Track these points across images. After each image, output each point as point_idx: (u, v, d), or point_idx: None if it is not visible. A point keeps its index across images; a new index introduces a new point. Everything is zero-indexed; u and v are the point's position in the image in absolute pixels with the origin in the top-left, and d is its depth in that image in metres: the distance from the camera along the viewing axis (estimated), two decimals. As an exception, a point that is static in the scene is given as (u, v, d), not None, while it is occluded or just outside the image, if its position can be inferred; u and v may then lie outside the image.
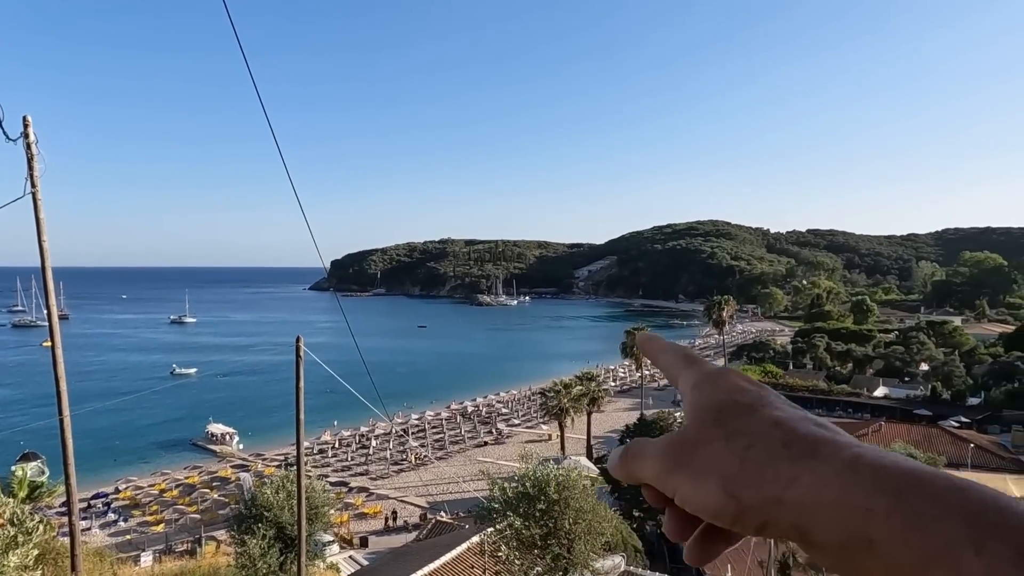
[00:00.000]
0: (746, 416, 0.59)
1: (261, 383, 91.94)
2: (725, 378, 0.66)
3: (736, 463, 0.54)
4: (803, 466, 0.50)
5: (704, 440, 0.58)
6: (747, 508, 0.52)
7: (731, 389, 0.63)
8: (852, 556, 0.47)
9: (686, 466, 0.57)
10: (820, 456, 0.51)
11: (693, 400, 0.65)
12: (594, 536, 17.64)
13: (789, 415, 0.58)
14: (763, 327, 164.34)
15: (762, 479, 0.52)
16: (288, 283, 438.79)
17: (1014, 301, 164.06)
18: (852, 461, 0.49)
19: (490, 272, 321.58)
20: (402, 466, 56.36)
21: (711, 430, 0.59)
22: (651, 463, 0.61)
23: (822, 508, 0.48)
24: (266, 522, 22.08)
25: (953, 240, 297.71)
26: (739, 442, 0.56)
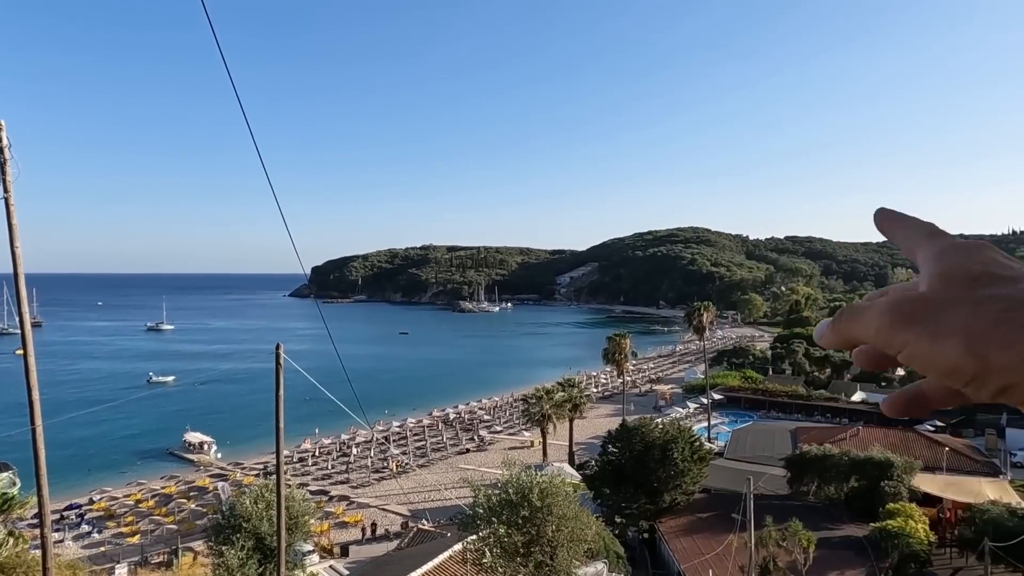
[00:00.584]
0: (1004, 285, 0.57)
1: (240, 391, 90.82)
2: (981, 250, 0.64)
3: (988, 323, 0.53)
4: None
5: (948, 300, 0.57)
6: (993, 368, 0.51)
7: (987, 261, 0.62)
8: None
9: (921, 322, 0.56)
10: None
11: (939, 266, 0.63)
12: (576, 543, 17.64)
13: None
14: (743, 333, 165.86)
15: (1017, 340, 0.51)
16: (268, 290, 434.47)
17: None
18: None
19: (472, 279, 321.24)
20: (383, 474, 55.91)
21: (959, 291, 0.57)
22: (874, 318, 0.60)
23: None
24: (245, 532, 21.78)
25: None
26: (994, 305, 0.54)
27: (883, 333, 0.58)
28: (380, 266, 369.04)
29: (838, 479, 39.30)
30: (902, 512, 33.77)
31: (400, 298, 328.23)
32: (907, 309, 0.58)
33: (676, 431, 38.27)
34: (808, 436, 48.55)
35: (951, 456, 43.59)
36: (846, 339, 0.64)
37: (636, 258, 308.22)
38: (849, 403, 72.87)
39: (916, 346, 0.56)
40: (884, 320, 0.59)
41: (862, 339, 0.62)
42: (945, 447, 44.84)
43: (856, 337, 0.63)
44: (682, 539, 34.51)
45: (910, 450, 43.44)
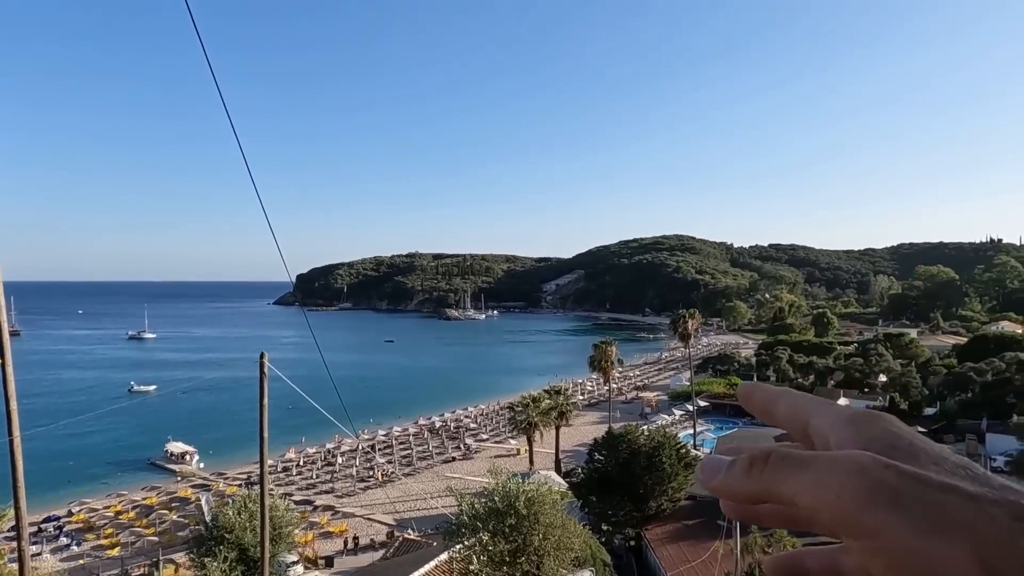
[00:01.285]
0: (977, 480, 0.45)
1: (223, 400, 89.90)
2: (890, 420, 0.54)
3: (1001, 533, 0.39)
4: None
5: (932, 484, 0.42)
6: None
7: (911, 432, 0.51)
8: None
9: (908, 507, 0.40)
10: None
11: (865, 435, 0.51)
12: (563, 551, 17.61)
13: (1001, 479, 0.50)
14: (727, 340, 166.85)
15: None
16: (252, 298, 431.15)
17: (966, 314, 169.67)
18: None
19: (458, 286, 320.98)
20: (369, 483, 55.51)
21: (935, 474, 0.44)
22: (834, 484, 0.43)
23: None
24: (227, 544, 21.54)
25: (908, 255, 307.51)
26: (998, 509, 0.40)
27: (847, 506, 0.42)
28: (366, 274, 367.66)
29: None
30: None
31: (386, 306, 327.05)
32: (889, 480, 0.42)
33: (662, 438, 38.41)
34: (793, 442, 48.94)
35: (933, 461, 44.08)
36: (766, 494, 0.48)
37: (622, 266, 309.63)
38: (833, 409, 73.45)
39: (899, 540, 0.40)
40: (852, 487, 0.42)
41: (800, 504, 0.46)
42: (927, 452, 45.37)
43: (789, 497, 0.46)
44: (668, 546, 34.56)
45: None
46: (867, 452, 0.45)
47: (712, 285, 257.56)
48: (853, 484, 0.42)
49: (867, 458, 0.44)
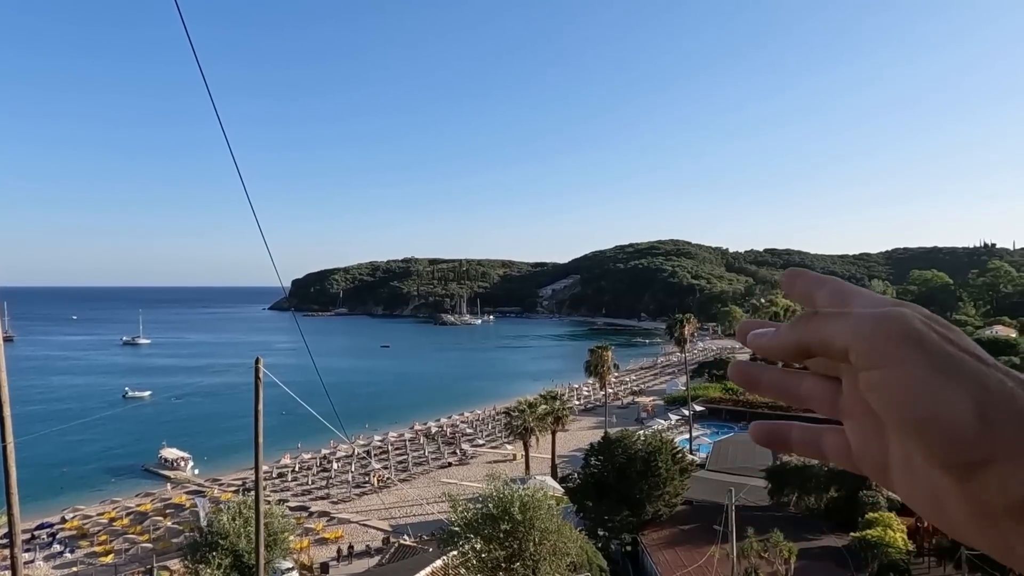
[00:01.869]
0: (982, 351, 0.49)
1: (218, 406, 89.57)
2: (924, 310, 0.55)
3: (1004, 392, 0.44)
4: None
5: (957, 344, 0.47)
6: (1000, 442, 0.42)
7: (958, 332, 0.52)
8: None
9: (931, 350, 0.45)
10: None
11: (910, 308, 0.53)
12: (559, 557, 17.58)
13: None
14: (723, 345, 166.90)
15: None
16: (247, 303, 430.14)
17: (960, 318, 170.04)
18: None
19: (454, 291, 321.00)
20: (364, 489, 55.32)
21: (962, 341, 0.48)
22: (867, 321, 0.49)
23: None
24: (222, 550, 21.46)
25: (903, 259, 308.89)
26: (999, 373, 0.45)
27: (876, 341, 0.47)
28: (361, 279, 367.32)
29: (818, 489, 39.66)
30: (881, 521, 34.10)
31: (382, 311, 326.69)
32: (918, 328, 0.47)
33: (658, 443, 38.40)
34: (788, 447, 48.97)
35: (928, 465, 44.14)
36: (808, 343, 0.55)
37: (618, 271, 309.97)
38: (828, 414, 73.63)
39: (910, 368, 0.45)
40: (889, 329, 0.48)
41: (833, 343, 0.52)
42: (922, 456, 45.44)
43: (826, 339, 0.52)
44: (664, 551, 34.53)
45: (888, 460, 43.93)
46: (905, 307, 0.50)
47: (708, 290, 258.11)
48: (889, 324, 0.47)
49: (907, 308, 0.50)
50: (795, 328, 0.56)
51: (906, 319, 0.48)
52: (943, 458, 0.44)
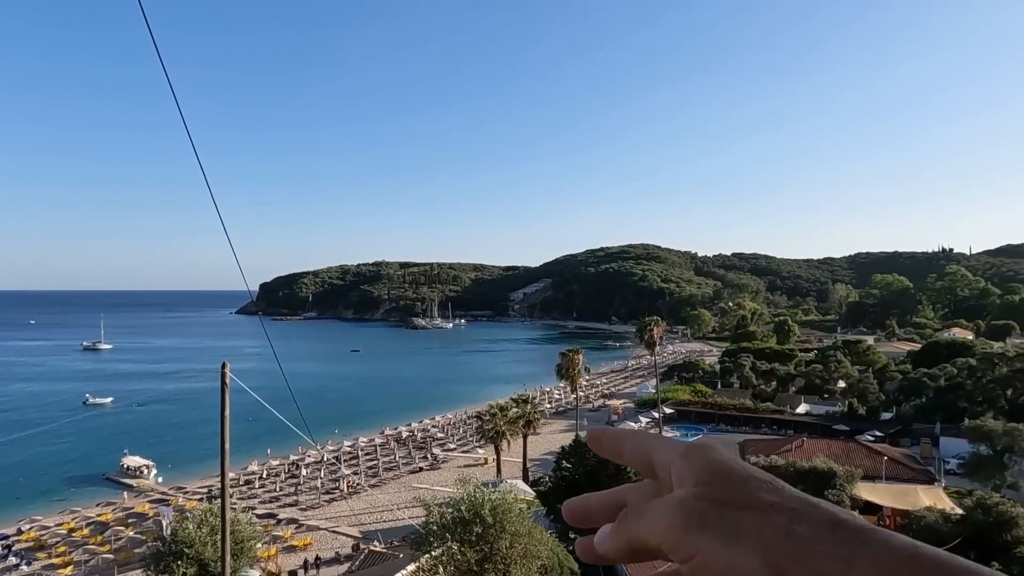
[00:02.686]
0: (771, 489, 0.57)
1: (183, 412, 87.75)
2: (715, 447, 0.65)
3: (780, 535, 0.52)
4: (858, 550, 0.50)
5: (732, 502, 0.56)
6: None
7: (734, 458, 0.63)
8: None
9: (714, 527, 0.54)
10: (874, 543, 0.51)
11: (696, 464, 0.62)
12: (530, 559, 17.61)
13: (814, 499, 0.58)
14: (692, 348, 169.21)
15: (813, 555, 0.50)
16: (214, 307, 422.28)
17: (919, 321, 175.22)
18: (914, 552, 0.50)
19: (425, 295, 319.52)
20: (334, 495, 54.67)
21: (737, 491, 0.57)
22: (662, 517, 0.57)
23: None
24: (187, 559, 21.02)
25: (865, 263, 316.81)
26: (780, 516, 0.54)
27: (672, 535, 0.56)
28: (331, 283, 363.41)
29: (784, 490, 40.28)
30: (844, 520, 34.75)
31: (352, 315, 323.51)
32: (700, 509, 0.56)
33: (628, 445, 38.67)
34: (755, 448, 49.75)
35: (890, 465, 45.26)
36: (631, 543, 0.61)
37: (589, 274, 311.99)
38: (794, 415, 75.06)
39: (708, 553, 0.54)
40: (675, 520, 0.56)
41: (649, 543, 0.59)
42: (884, 456, 46.54)
43: (642, 540, 0.59)
44: (635, 553, 34.73)
45: (851, 460, 44.91)
46: (689, 490, 0.58)
47: (677, 293, 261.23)
48: (675, 516, 0.55)
49: (685, 494, 0.58)
50: (618, 534, 0.62)
51: (684, 505, 0.56)
52: None
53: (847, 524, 0.54)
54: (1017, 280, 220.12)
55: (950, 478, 49.89)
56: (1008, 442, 45.81)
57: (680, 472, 0.62)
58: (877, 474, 43.56)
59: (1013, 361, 69.32)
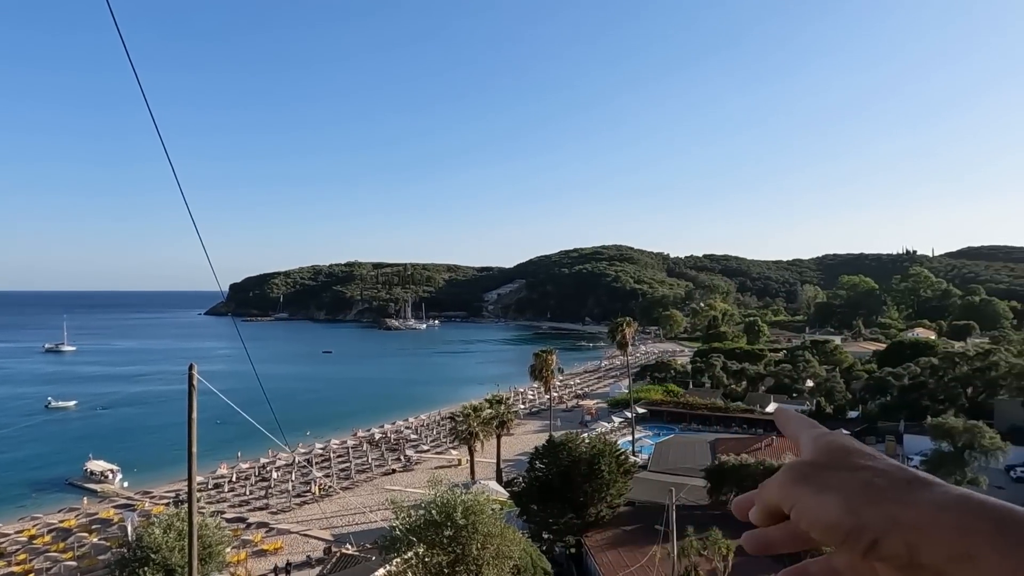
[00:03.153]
0: (871, 459, 0.72)
1: (149, 415, 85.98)
2: (845, 436, 0.82)
3: (861, 485, 0.67)
4: (921, 495, 0.64)
5: (831, 465, 0.71)
6: (864, 524, 0.64)
7: (855, 443, 0.79)
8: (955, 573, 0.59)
9: (810, 481, 0.70)
10: (935, 490, 0.65)
11: (819, 443, 0.80)
12: (502, 560, 17.58)
13: (904, 467, 0.72)
14: (665, 348, 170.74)
15: (884, 499, 0.64)
16: (182, 308, 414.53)
17: (885, 321, 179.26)
18: (963, 495, 0.63)
19: (398, 296, 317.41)
20: (305, 498, 54.00)
21: (838, 460, 0.72)
22: (777, 479, 0.75)
23: (937, 528, 0.60)
24: (153, 565, 20.60)
25: (832, 265, 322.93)
26: (865, 473, 0.69)
27: (781, 490, 0.72)
28: (303, 283, 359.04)
29: (755, 487, 40.79)
30: (812, 517, 35.42)
31: (324, 316, 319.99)
32: (799, 469, 0.73)
33: (602, 445, 38.91)
34: (726, 447, 50.46)
35: (855, 462, 46.19)
36: (768, 507, 0.77)
37: (562, 275, 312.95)
38: (764, 414, 76.18)
39: (804, 501, 0.69)
40: (783, 478, 0.73)
41: (771, 503, 0.75)
42: (850, 454, 47.50)
43: (766, 500, 0.76)
44: (608, 552, 34.97)
45: (819, 457, 45.75)
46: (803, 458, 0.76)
47: (650, 294, 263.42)
48: (784, 476, 0.74)
49: (797, 461, 0.76)
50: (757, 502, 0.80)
51: (792, 467, 0.75)
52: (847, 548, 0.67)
53: (921, 479, 0.67)
54: (977, 282, 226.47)
55: (913, 475, 51.01)
56: (968, 439, 47.04)
57: (804, 448, 0.80)
58: (844, 471, 44.41)
59: (973, 360, 71.27)
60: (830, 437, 0.80)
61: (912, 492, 0.64)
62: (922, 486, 0.65)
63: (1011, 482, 52.90)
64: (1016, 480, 53.33)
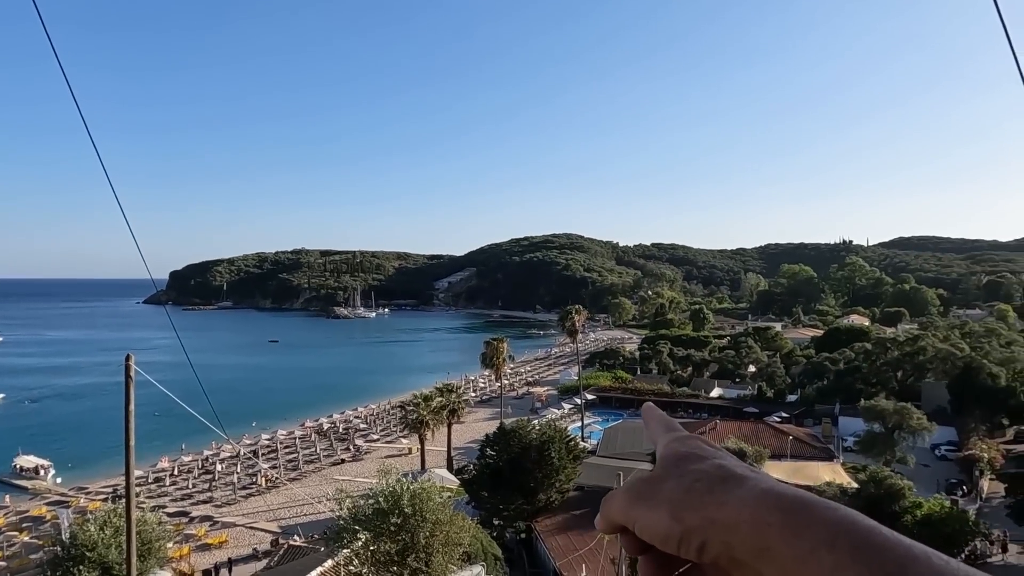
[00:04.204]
0: (698, 462, 0.74)
1: (83, 408, 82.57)
2: (691, 439, 0.82)
3: (683, 493, 0.68)
4: (733, 493, 0.66)
5: (662, 478, 0.72)
6: (689, 529, 0.66)
7: (693, 446, 0.79)
8: (761, 566, 0.61)
9: (646, 499, 0.71)
10: (744, 487, 0.66)
11: (661, 453, 0.81)
12: (452, 547, 17.62)
13: (731, 462, 0.74)
14: (614, 335, 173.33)
15: (701, 504, 0.66)
16: (118, 296, 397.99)
17: (822, 308, 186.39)
18: (765, 489, 0.65)
19: (347, 284, 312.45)
20: (251, 490, 52.92)
21: (669, 471, 0.73)
22: (619, 501, 0.75)
23: (741, 524, 0.63)
24: (89, 563, 19.87)
25: (774, 254, 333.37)
26: (688, 478, 0.70)
27: (624, 511, 0.73)
28: (248, 271, 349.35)
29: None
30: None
31: (270, 304, 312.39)
32: (636, 488, 0.73)
33: (552, 432, 39.31)
34: (672, 431, 51.63)
35: (794, 444, 48.12)
36: (611, 523, 0.76)
37: (513, 263, 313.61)
38: (708, 399, 78.44)
39: (643, 519, 0.70)
40: (623, 499, 0.73)
41: (617, 519, 0.75)
42: (789, 436, 49.43)
43: (614, 520, 0.76)
44: (557, 537, 35.48)
45: (760, 440, 47.47)
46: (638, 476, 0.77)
47: (599, 282, 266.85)
48: (623, 497, 0.74)
49: (632, 480, 0.77)
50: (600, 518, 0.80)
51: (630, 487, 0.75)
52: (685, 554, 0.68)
53: (735, 477, 0.69)
54: (908, 270, 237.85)
55: (848, 455, 53.47)
56: (898, 420, 49.49)
57: (657, 454, 0.82)
58: (783, 452, 46.21)
59: (903, 345, 74.90)
60: (674, 444, 0.81)
61: (727, 491, 0.66)
62: (736, 484, 0.67)
63: (935, 460, 56.02)
64: (940, 458, 56.50)
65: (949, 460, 55.68)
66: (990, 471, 50.07)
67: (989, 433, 59.56)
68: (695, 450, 0.78)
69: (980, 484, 48.72)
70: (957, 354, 67.46)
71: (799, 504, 0.62)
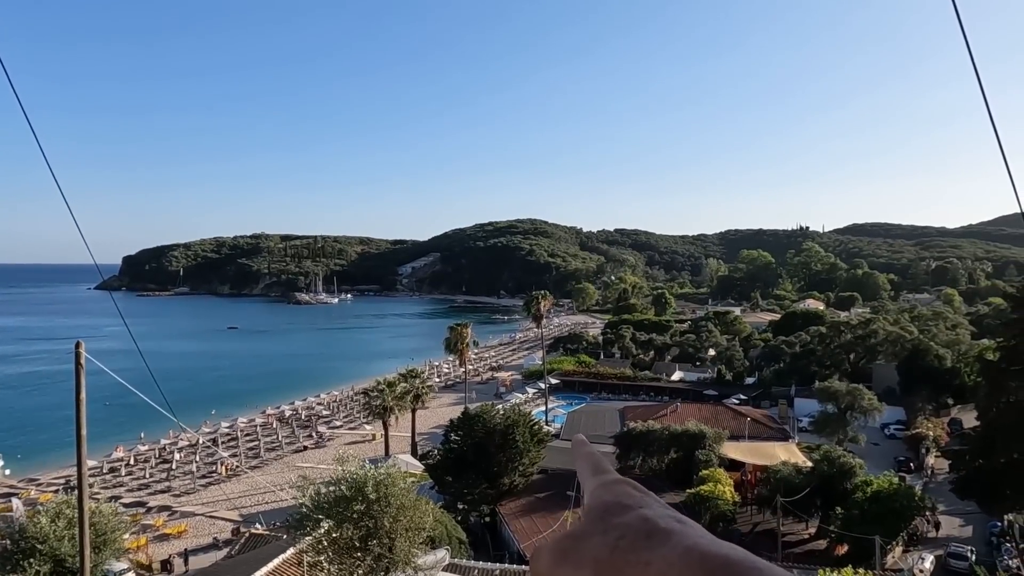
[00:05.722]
0: (623, 514, 0.71)
1: (32, 397, 79.93)
2: (617, 485, 0.79)
3: (608, 551, 0.65)
4: (657, 552, 0.63)
5: (587, 534, 0.69)
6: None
7: (619, 493, 0.76)
8: None
9: (571, 559, 0.68)
10: (668, 544, 0.63)
11: (587, 502, 0.78)
12: (415, 531, 17.63)
13: (657, 512, 0.70)
14: (577, 320, 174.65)
15: (626, 564, 0.63)
16: (68, 282, 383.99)
17: (780, 293, 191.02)
18: (689, 547, 0.62)
19: (309, 269, 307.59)
20: (211, 479, 52.04)
21: (594, 525, 0.70)
22: (545, 560, 0.72)
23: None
24: (40, 556, 19.34)
25: (734, 240, 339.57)
26: (613, 535, 0.67)
27: (550, 571, 0.69)
28: (205, 256, 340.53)
29: (660, 452, 43.03)
30: (712, 478, 37.79)
31: (228, 290, 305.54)
32: (561, 546, 0.70)
33: (516, 416, 39.56)
34: (634, 414, 52.52)
35: (752, 425, 49.36)
36: None
37: (477, 249, 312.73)
38: (669, 382, 79.79)
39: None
40: (549, 559, 0.70)
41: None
42: (747, 417, 50.67)
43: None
44: (521, 519, 35.83)
45: (719, 422, 48.55)
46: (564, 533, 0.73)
47: (563, 268, 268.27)
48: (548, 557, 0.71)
49: (559, 537, 0.73)
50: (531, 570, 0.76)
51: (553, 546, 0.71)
52: None
53: (660, 532, 0.65)
54: (861, 255, 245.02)
55: (803, 435, 55.15)
56: (850, 401, 51.19)
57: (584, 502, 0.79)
58: (741, 434, 47.38)
59: (855, 329, 77.28)
60: (599, 491, 0.79)
61: (651, 549, 0.64)
62: (660, 541, 0.64)
63: (885, 439, 58.21)
64: (889, 437, 58.72)
65: (898, 439, 57.93)
66: (936, 449, 52.23)
67: (935, 412, 62.05)
68: (620, 498, 0.75)
69: (926, 461, 50.81)
70: (906, 337, 69.91)
71: (723, 564, 0.60)
